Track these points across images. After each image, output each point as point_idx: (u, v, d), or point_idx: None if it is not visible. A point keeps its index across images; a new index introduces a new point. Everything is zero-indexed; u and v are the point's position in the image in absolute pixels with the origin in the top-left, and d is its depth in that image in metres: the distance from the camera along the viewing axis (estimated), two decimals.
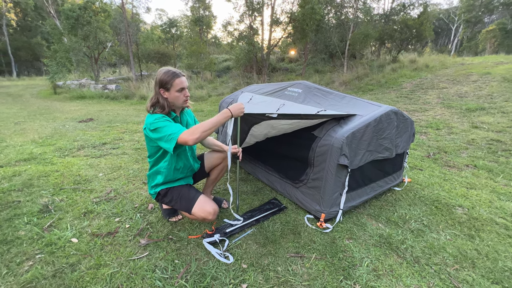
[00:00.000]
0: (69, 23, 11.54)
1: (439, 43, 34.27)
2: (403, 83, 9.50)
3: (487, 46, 25.24)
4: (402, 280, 1.54)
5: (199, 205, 1.71)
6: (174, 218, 2.02)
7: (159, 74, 1.62)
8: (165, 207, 2.05)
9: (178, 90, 1.62)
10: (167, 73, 1.60)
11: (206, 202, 1.73)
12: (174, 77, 1.60)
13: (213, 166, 2.12)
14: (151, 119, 1.59)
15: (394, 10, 13.41)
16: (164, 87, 1.61)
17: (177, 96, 1.64)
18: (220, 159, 2.09)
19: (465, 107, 6.09)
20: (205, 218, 1.70)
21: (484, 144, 4.11)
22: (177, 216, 2.04)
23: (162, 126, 1.55)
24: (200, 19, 15.89)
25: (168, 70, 1.62)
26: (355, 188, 2.17)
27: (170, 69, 1.63)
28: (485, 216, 2.24)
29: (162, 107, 1.62)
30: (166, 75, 1.60)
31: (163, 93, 1.63)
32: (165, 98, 1.63)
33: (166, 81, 1.59)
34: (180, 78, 1.63)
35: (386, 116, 2.12)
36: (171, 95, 1.63)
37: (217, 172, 2.15)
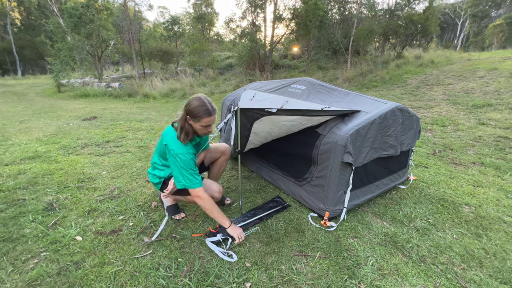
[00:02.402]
0: (72, 21, 11.57)
1: (445, 38, 33.73)
2: (408, 79, 9.37)
3: (494, 41, 24.76)
4: (408, 280, 1.52)
5: (206, 185, 1.82)
6: (177, 216, 2.02)
7: (193, 104, 1.62)
8: (169, 204, 2.05)
9: (203, 126, 1.67)
10: (200, 107, 1.61)
11: (212, 183, 1.92)
12: (206, 114, 1.63)
13: (213, 160, 2.18)
14: (179, 149, 1.65)
15: (398, 5, 13.19)
16: (192, 116, 1.64)
17: (200, 129, 1.70)
18: (219, 153, 2.16)
19: (472, 104, 5.99)
20: (212, 196, 1.83)
21: (491, 141, 4.04)
22: (180, 214, 2.04)
23: (186, 166, 1.65)
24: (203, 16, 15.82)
25: (203, 103, 1.63)
26: (359, 186, 2.15)
27: (205, 102, 1.63)
28: (493, 214, 2.20)
29: (186, 134, 1.67)
30: (199, 109, 1.61)
31: (188, 120, 1.66)
32: (190, 125, 1.68)
33: (197, 114, 1.62)
34: (211, 118, 1.66)
35: (391, 113, 2.09)
36: (196, 125, 1.67)
37: (217, 168, 2.20)
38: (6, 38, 26.55)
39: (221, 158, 2.19)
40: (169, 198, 2.06)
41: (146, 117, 6.36)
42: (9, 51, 25.81)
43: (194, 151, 1.77)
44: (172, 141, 1.68)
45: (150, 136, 4.47)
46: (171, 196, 2.03)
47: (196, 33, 15.93)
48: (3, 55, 26.20)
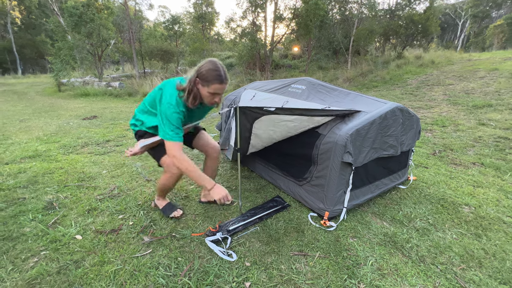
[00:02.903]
0: (73, 20, 11.56)
1: (445, 38, 33.71)
2: (408, 79, 9.37)
3: (495, 42, 24.75)
4: (407, 280, 1.52)
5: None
6: (176, 214, 1.99)
7: (206, 66, 1.51)
8: (163, 204, 2.03)
9: (211, 92, 1.56)
10: (213, 71, 1.50)
11: None
12: (217, 80, 1.52)
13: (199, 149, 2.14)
14: (173, 100, 1.53)
15: (399, 5, 13.19)
16: (202, 79, 1.53)
17: (206, 96, 1.59)
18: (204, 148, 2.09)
19: (472, 104, 5.98)
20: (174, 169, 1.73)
21: (492, 141, 4.04)
22: (178, 211, 2.00)
23: (170, 118, 1.52)
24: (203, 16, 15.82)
25: (217, 68, 1.52)
26: (359, 186, 2.15)
27: (219, 67, 1.53)
28: (493, 215, 2.20)
29: (194, 98, 1.57)
30: (211, 73, 1.50)
31: (197, 83, 1.55)
32: (198, 89, 1.57)
33: (207, 78, 1.51)
34: (222, 85, 1.55)
35: (391, 113, 2.09)
36: (203, 91, 1.56)
37: (209, 172, 2.14)
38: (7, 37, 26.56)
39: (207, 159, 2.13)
40: (160, 200, 2.05)
41: None
42: (9, 50, 25.82)
43: (187, 114, 1.65)
44: (170, 90, 1.57)
45: None
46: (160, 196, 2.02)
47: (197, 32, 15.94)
48: (4, 54, 26.21)
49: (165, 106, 1.53)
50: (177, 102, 1.55)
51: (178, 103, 1.55)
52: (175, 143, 1.55)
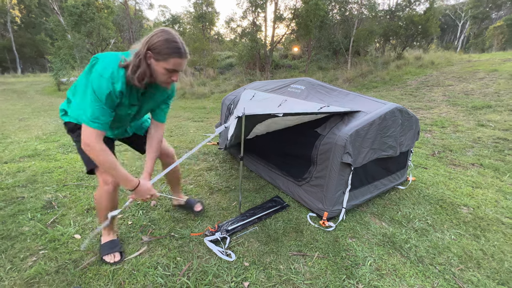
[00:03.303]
0: (73, 19, 11.56)
1: (445, 39, 33.76)
2: (407, 80, 9.38)
3: (494, 43, 24.79)
4: (406, 280, 1.52)
5: None
6: (110, 257, 1.55)
7: (159, 36, 1.18)
8: (105, 240, 1.63)
9: (168, 69, 1.23)
10: (170, 42, 1.18)
11: None
12: (176, 54, 1.20)
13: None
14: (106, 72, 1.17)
15: (399, 6, 13.21)
16: (155, 53, 1.19)
17: (162, 74, 1.24)
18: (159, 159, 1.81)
19: (471, 105, 5.99)
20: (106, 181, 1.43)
21: (491, 142, 4.05)
22: (115, 256, 1.56)
23: (98, 93, 1.17)
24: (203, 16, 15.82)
25: (174, 39, 1.20)
26: (358, 186, 2.15)
27: (176, 38, 1.21)
28: (491, 215, 2.21)
29: (142, 75, 1.21)
30: (168, 45, 1.18)
31: (149, 57, 1.20)
32: (149, 65, 1.21)
33: (163, 50, 1.18)
34: (182, 60, 1.24)
35: (390, 114, 2.09)
36: (157, 67, 1.22)
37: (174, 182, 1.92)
38: (6, 36, 26.53)
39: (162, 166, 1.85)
40: (104, 231, 1.63)
41: None
42: (9, 49, 25.79)
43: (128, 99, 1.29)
44: (107, 61, 1.20)
45: None
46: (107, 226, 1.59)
47: (197, 32, 15.93)
48: (3, 53, 26.18)
49: (94, 77, 1.16)
50: (113, 76, 1.18)
51: (115, 78, 1.18)
52: (93, 129, 1.20)
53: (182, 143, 3.97)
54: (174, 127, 5.11)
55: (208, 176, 2.79)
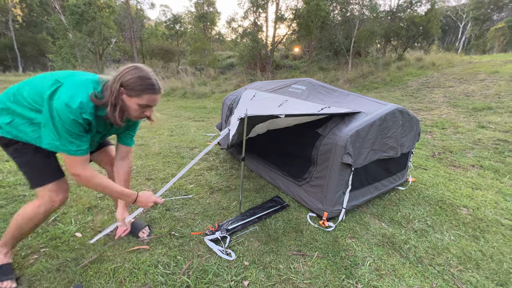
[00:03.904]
0: (74, 18, 11.58)
1: (446, 41, 33.73)
2: (408, 81, 9.38)
3: (496, 45, 24.77)
4: (405, 280, 1.53)
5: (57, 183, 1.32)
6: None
7: (132, 73, 1.17)
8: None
9: (141, 105, 1.22)
10: (144, 79, 1.19)
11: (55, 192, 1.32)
12: (150, 90, 1.21)
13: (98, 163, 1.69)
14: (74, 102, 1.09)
15: (400, 7, 13.20)
16: (128, 89, 1.17)
17: (135, 109, 1.23)
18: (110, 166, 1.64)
19: (472, 107, 5.99)
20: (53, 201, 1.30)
21: (491, 144, 4.05)
22: (7, 283, 1.34)
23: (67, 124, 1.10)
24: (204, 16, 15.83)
25: (148, 75, 1.21)
26: (358, 187, 2.16)
27: (149, 74, 1.22)
28: (491, 217, 2.21)
29: (122, 112, 1.21)
30: (141, 81, 1.18)
31: (121, 93, 1.18)
32: (122, 101, 1.20)
33: (136, 87, 1.17)
34: (156, 96, 1.25)
35: (391, 115, 2.10)
36: (130, 103, 1.20)
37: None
38: (8, 35, 26.59)
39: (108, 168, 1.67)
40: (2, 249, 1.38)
41: None
42: (10, 47, 25.84)
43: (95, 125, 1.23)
44: (75, 90, 1.12)
45: (150, 134, 4.48)
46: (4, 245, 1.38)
47: (198, 32, 15.94)
48: (5, 51, 26.23)
49: (60, 107, 1.08)
50: (81, 107, 1.11)
51: (83, 109, 1.12)
52: (77, 158, 1.18)
53: (183, 143, 3.98)
54: (175, 127, 5.12)
55: (208, 176, 2.80)
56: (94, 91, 1.16)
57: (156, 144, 3.89)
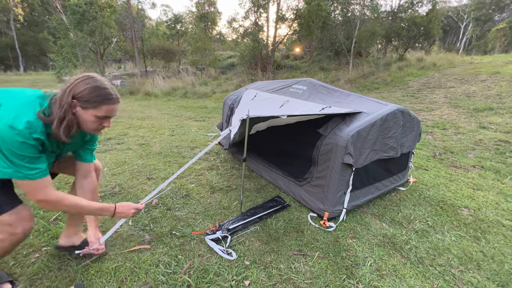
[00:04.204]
0: (75, 18, 11.58)
1: (447, 41, 33.68)
2: (409, 81, 9.37)
3: (497, 45, 24.71)
4: (406, 281, 1.53)
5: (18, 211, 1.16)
6: None
7: (86, 84, 1.08)
8: None
9: (99, 117, 1.13)
10: (100, 89, 1.10)
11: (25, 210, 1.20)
12: (108, 100, 1.12)
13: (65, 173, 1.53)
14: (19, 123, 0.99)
15: (402, 7, 13.19)
16: (82, 101, 1.08)
17: (92, 122, 1.14)
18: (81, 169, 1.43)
19: (473, 107, 5.99)
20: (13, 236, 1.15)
21: (492, 144, 4.04)
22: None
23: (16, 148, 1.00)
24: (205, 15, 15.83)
25: (104, 85, 1.12)
26: (359, 187, 2.16)
27: (106, 84, 1.13)
28: (492, 218, 2.21)
29: (69, 128, 1.10)
30: (98, 92, 1.09)
31: (74, 106, 1.09)
32: (74, 114, 1.10)
33: (90, 98, 1.08)
34: (114, 106, 1.16)
35: (392, 115, 2.10)
36: (86, 115, 1.11)
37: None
38: (9, 34, 26.64)
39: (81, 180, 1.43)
40: None
41: (148, 115, 6.38)
42: (11, 47, 25.89)
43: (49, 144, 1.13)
44: (19, 110, 1.02)
45: (151, 133, 4.49)
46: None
47: (199, 32, 15.94)
48: (6, 50, 26.28)
49: (3, 130, 0.98)
50: (29, 126, 1.01)
51: (32, 129, 1.02)
52: (38, 181, 1.08)
53: (184, 142, 3.99)
54: (176, 126, 5.12)
55: (209, 175, 2.81)
56: (41, 108, 1.06)
57: (157, 143, 3.90)
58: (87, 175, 1.43)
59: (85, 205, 1.22)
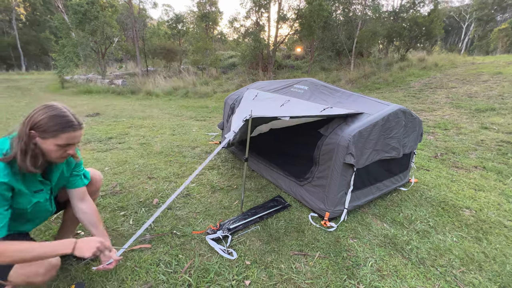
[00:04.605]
0: (77, 17, 11.60)
1: (449, 41, 33.57)
2: (411, 82, 9.34)
3: (499, 45, 24.62)
4: (407, 281, 1.52)
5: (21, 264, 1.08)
6: None
7: (43, 113, 1.06)
8: None
9: (61, 145, 1.10)
10: (57, 118, 1.08)
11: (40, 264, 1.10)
12: (68, 127, 1.09)
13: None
14: None
15: (403, 7, 13.15)
16: (40, 131, 1.06)
17: (54, 151, 1.11)
18: None
19: (475, 108, 5.96)
20: (32, 282, 1.10)
21: (494, 145, 4.03)
22: None
23: None
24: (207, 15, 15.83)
25: (62, 113, 1.10)
26: (360, 187, 2.15)
27: (65, 111, 1.11)
28: (493, 218, 2.20)
29: (34, 158, 1.07)
30: (55, 120, 1.07)
31: (33, 138, 1.07)
32: (35, 145, 1.08)
33: (48, 128, 1.06)
34: (75, 133, 1.12)
35: (394, 115, 2.09)
36: (45, 145, 1.09)
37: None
38: (11, 33, 26.72)
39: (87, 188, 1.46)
40: None
41: (149, 114, 6.39)
42: (13, 46, 25.97)
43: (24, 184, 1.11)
44: None
45: (152, 133, 4.49)
46: None
47: (200, 31, 15.95)
48: (8, 50, 26.37)
49: None
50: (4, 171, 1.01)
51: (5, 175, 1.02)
52: None
53: (185, 142, 3.99)
54: (177, 126, 5.13)
55: (210, 175, 2.81)
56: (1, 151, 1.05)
57: (158, 143, 3.90)
58: (83, 199, 1.39)
59: (34, 249, 1.04)
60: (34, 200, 1.19)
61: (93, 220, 1.35)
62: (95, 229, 1.34)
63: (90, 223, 1.35)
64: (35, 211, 1.23)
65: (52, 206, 1.34)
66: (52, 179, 1.27)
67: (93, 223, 1.35)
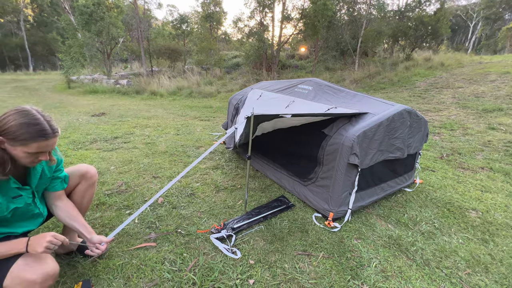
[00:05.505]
0: (83, 18, 11.75)
1: (456, 40, 33.11)
2: (416, 81, 9.25)
3: (507, 44, 24.19)
4: (411, 283, 1.51)
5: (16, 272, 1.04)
6: None
7: (10, 119, 1.00)
8: None
9: (31, 153, 1.05)
10: (27, 126, 1.01)
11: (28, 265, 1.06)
12: (38, 138, 1.03)
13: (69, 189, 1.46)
14: None
15: (409, 6, 13.02)
16: (8, 138, 1.01)
17: (24, 157, 1.06)
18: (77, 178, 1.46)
19: (482, 108, 5.88)
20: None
21: (501, 146, 3.97)
22: None
23: None
24: (211, 15, 15.88)
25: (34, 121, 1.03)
26: (364, 187, 2.14)
27: (38, 118, 1.04)
28: (500, 220, 2.17)
29: (2, 164, 1.03)
30: (24, 129, 1.00)
31: (1, 143, 1.02)
32: (4, 150, 1.03)
33: (18, 136, 1.00)
34: (47, 142, 1.07)
35: (399, 116, 2.08)
36: (15, 152, 1.04)
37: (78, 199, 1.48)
38: (19, 34, 27.21)
39: (81, 185, 1.48)
40: None
41: (153, 114, 6.44)
42: (21, 47, 26.44)
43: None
44: None
45: (157, 133, 4.53)
46: None
47: (204, 32, 16.01)
48: (16, 51, 26.87)
49: None
50: None
51: None
52: None
53: (189, 142, 4.02)
54: (181, 126, 5.16)
55: (214, 175, 2.82)
56: None
57: (163, 142, 3.94)
58: (60, 198, 1.37)
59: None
60: (12, 206, 1.14)
61: (72, 214, 1.34)
62: (75, 223, 1.32)
63: (69, 218, 1.33)
64: (16, 216, 1.19)
65: (41, 208, 1.30)
66: (31, 182, 1.22)
67: (72, 217, 1.33)
